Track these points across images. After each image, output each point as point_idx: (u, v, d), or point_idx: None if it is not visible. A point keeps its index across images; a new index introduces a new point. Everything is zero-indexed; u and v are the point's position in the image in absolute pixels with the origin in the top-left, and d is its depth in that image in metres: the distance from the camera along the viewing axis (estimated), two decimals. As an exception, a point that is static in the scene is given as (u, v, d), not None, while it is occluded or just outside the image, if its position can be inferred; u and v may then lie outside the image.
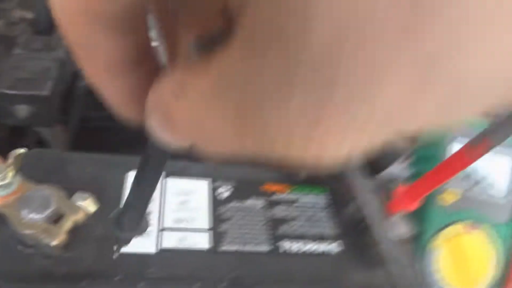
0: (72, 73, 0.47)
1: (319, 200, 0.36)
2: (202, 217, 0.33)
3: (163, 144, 0.12)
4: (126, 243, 0.27)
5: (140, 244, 0.29)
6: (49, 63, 0.43)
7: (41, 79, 0.41)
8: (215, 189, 0.35)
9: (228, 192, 0.35)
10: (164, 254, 0.30)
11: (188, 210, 0.33)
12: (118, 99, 0.13)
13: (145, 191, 0.19)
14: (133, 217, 0.21)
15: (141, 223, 0.22)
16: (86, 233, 0.29)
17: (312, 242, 0.33)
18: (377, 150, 0.08)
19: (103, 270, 0.27)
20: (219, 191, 0.35)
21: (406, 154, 0.43)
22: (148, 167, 0.17)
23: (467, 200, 0.37)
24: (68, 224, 0.28)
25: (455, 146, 0.37)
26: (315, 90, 0.07)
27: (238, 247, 0.31)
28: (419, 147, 0.39)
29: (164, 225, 0.31)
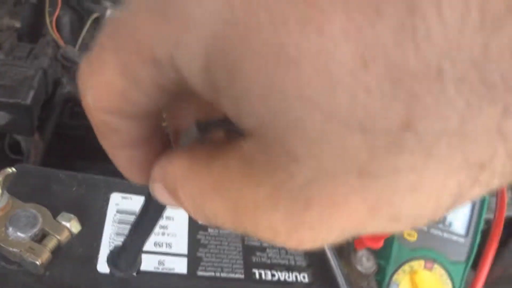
0: (53, 81, 0.47)
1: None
2: (181, 242, 0.34)
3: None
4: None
5: (121, 266, 0.30)
6: (32, 72, 0.43)
7: (22, 87, 0.41)
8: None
9: (207, 219, 0.36)
10: (143, 277, 0.31)
11: (167, 234, 0.34)
12: (126, 167, 0.15)
13: (142, 236, 0.20)
14: (129, 258, 0.22)
15: (136, 262, 0.23)
16: (69, 252, 0.30)
17: (282, 271, 0.35)
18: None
19: (84, 290, 0.28)
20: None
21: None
22: (147, 216, 0.19)
23: (426, 238, 0.40)
24: (52, 243, 0.29)
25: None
26: (295, 210, 0.10)
27: (213, 273, 0.33)
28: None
29: (144, 248, 0.33)
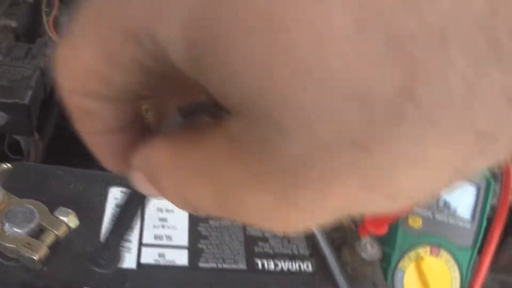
0: (52, 80, 0.47)
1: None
2: (181, 234, 0.34)
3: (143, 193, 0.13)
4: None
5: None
6: (29, 72, 0.43)
7: (21, 87, 0.41)
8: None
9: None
10: (143, 270, 0.31)
11: (167, 227, 0.34)
12: (102, 154, 0.14)
13: (122, 230, 0.20)
14: (109, 254, 0.22)
15: (116, 258, 0.23)
16: (67, 247, 0.29)
17: (285, 261, 0.35)
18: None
19: (83, 284, 0.28)
20: (198, 209, 0.36)
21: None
22: (127, 209, 0.18)
23: (431, 224, 0.39)
24: (50, 238, 0.28)
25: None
26: (285, 189, 0.09)
27: (215, 264, 0.33)
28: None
29: (144, 241, 0.32)
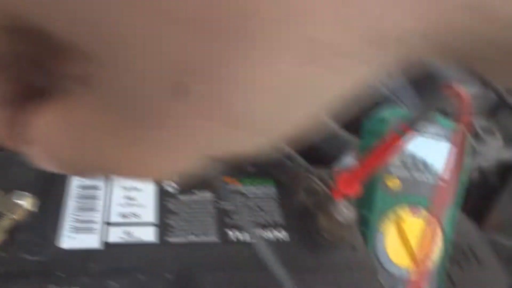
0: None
1: (268, 191, 0.37)
2: (149, 211, 0.33)
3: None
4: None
5: (83, 239, 0.29)
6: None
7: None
8: (162, 184, 0.35)
9: (176, 187, 0.35)
10: (109, 249, 0.30)
11: (135, 205, 0.33)
12: None
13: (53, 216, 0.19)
14: (38, 240, 0.21)
15: (47, 245, 0.22)
16: (28, 231, 0.28)
17: (260, 230, 0.34)
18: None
19: (44, 268, 0.27)
20: (167, 185, 0.35)
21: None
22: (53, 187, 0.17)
23: (410, 184, 0.39)
24: (6, 223, 0.27)
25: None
26: (126, 130, 0.09)
27: (186, 239, 0.32)
28: (366, 123, 0.40)
29: (110, 220, 0.31)
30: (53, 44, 0.12)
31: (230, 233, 0.33)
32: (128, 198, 0.33)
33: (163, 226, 0.32)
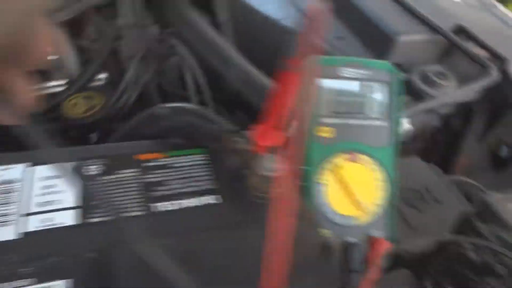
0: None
1: (197, 161, 0.36)
2: (70, 196, 0.32)
3: None
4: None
5: (-4, 232, 0.29)
6: None
7: None
8: (84, 168, 0.34)
9: (99, 169, 0.34)
10: (28, 238, 0.29)
11: (55, 192, 0.32)
12: None
13: None
14: None
15: None
16: None
17: (189, 198, 0.33)
18: None
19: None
20: (89, 169, 0.34)
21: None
22: None
23: (345, 131, 0.38)
24: None
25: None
26: None
27: (109, 218, 0.31)
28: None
29: (29, 210, 0.31)
30: None
31: (157, 204, 0.32)
32: (47, 187, 0.32)
33: (85, 208, 0.31)
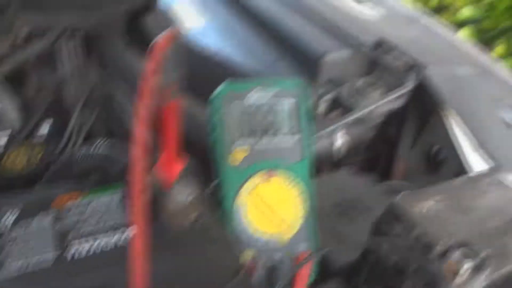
0: None
1: (114, 197, 0.37)
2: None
3: None
4: None
5: None
6: None
7: None
8: (-2, 218, 0.34)
9: (13, 217, 0.34)
10: None
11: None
12: None
13: None
14: None
15: None
16: None
17: (104, 236, 0.34)
18: None
19: None
20: (4, 218, 0.34)
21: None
22: None
23: (258, 150, 0.39)
24: None
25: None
26: None
27: (21, 267, 0.31)
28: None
29: None
30: None
31: (69, 250, 0.33)
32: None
33: (-5, 259, 0.31)
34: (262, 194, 0.39)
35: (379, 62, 0.65)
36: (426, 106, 0.63)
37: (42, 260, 0.32)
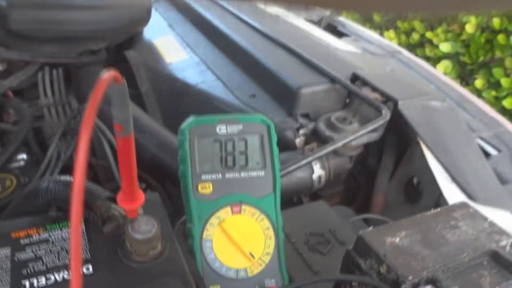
0: None
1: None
2: None
3: None
4: None
5: None
6: None
7: None
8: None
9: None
10: None
11: None
12: None
13: None
14: None
15: None
16: None
17: (60, 272, 0.32)
18: None
19: None
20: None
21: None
22: None
23: (224, 185, 0.38)
24: None
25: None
26: None
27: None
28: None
29: None
30: None
31: (25, 283, 0.31)
32: None
33: None
34: (230, 228, 0.38)
35: (356, 95, 0.66)
36: (402, 138, 0.63)
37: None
